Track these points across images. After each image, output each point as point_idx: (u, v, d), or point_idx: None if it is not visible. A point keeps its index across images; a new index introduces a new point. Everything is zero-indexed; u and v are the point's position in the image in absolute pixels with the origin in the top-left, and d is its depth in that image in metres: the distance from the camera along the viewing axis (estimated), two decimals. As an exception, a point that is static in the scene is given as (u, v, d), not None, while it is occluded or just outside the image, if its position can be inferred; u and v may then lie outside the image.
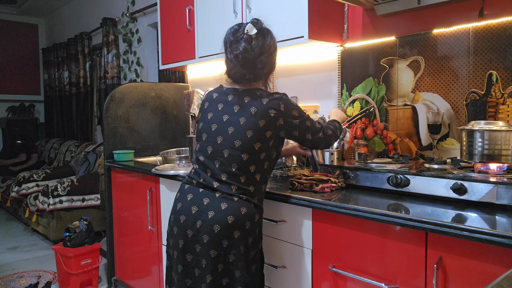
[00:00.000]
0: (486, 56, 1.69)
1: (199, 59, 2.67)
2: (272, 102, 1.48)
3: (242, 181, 1.47)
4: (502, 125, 1.45)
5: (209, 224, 1.44)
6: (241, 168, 1.46)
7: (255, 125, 1.45)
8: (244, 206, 1.46)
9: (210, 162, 1.49)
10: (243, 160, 1.46)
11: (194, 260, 1.48)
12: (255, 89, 1.53)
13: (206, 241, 1.44)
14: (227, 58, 1.55)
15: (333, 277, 1.49)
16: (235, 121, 1.47)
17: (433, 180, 1.42)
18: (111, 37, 4.48)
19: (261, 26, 1.51)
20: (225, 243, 1.44)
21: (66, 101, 5.77)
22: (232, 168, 1.46)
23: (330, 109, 2.30)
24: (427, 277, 1.23)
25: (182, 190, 1.57)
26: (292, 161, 2.07)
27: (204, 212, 1.45)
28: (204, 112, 1.58)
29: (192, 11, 2.69)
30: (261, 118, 1.45)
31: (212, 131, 1.51)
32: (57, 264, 2.96)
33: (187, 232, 1.48)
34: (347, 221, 1.43)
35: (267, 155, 1.50)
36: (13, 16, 6.45)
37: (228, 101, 1.54)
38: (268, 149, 1.49)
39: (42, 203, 3.94)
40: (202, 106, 1.62)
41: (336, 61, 2.27)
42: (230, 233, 1.44)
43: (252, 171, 1.48)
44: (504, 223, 1.15)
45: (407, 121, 1.96)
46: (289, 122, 1.50)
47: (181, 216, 1.50)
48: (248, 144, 1.45)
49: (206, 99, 1.64)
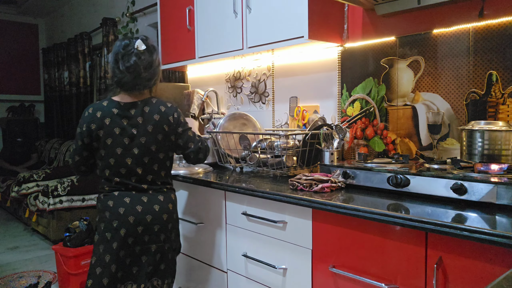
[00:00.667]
0: (486, 56, 1.69)
1: (199, 59, 2.67)
2: (170, 109, 1.79)
3: (163, 175, 1.80)
4: (502, 125, 1.45)
5: (159, 215, 1.75)
6: (160, 166, 1.78)
7: (162, 129, 1.75)
8: (172, 193, 1.85)
9: (133, 170, 1.73)
10: (161, 159, 1.78)
11: (143, 249, 1.75)
12: (150, 97, 1.79)
13: (157, 229, 1.75)
14: (118, 68, 1.72)
15: (333, 277, 1.49)
16: (144, 129, 1.72)
17: (433, 180, 1.42)
18: (111, 37, 4.48)
19: (148, 44, 1.75)
20: (170, 225, 1.80)
21: (66, 101, 5.77)
22: (154, 168, 1.77)
23: (330, 109, 2.31)
24: (427, 277, 1.23)
25: (114, 198, 1.74)
26: (292, 161, 2.07)
27: (150, 208, 1.74)
28: (109, 127, 1.72)
29: (192, 11, 2.69)
30: (164, 123, 1.76)
31: (127, 144, 1.72)
32: (57, 264, 2.96)
33: (138, 228, 1.72)
34: (347, 221, 1.43)
35: (171, 154, 1.84)
36: (13, 16, 6.45)
37: (132, 115, 1.73)
38: (172, 149, 1.83)
39: (42, 203, 3.94)
40: (101, 121, 1.72)
41: (336, 61, 2.27)
42: (172, 216, 1.81)
43: (168, 165, 1.83)
44: (504, 223, 1.15)
45: (407, 121, 1.96)
46: (181, 128, 1.81)
47: (130, 218, 1.72)
48: (162, 146, 1.76)
49: (105, 115, 1.73)
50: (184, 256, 2.26)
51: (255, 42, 2.24)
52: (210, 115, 3.04)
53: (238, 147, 2.28)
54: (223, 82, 3.06)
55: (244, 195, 1.83)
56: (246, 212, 1.83)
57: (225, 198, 1.96)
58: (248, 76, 2.85)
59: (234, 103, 2.99)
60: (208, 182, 1.98)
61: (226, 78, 3.04)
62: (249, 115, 2.60)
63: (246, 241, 1.85)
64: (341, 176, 1.70)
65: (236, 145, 2.29)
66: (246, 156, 2.21)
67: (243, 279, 1.88)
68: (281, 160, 2.02)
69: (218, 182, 1.93)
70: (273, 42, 2.15)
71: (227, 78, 3.02)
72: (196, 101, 3.08)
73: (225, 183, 1.90)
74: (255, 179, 1.98)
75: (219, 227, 2.00)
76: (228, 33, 2.41)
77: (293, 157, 2.07)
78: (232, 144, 2.32)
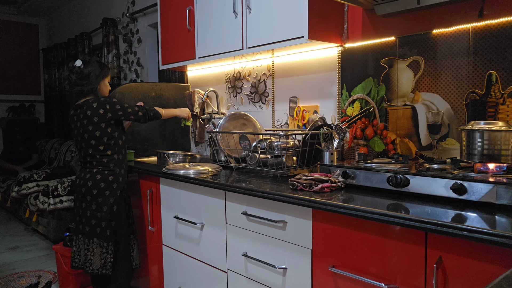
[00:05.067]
0: (485, 56, 1.69)
1: (199, 59, 2.67)
2: (100, 104, 2.32)
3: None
4: (501, 125, 1.45)
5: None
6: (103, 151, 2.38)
7: (94, 122, 2.31)
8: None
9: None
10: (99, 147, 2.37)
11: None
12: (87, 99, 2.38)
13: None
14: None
15: (333, 277, 1.49)
16: (86, 125, 2.33)
17: (433, 180, 1.42)
18: (111, 37, 4.48)
19: (85, 60, 2.40)
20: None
21: (66, 101, 5.77)
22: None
23: (330, 109, 2.31)
24: (427, 277, 1.23)
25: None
26: (292, 161, 2.07)
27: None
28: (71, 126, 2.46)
29: (192, 11, 2.69)
30: (95, 116, 2.30)
31: (79, 140, 2.40)
32: (57, 264, 2.96)
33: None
34: (347, 221, 1.43)
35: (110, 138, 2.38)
36: (13, 16, 6.45)
37: (77, 113, 2.37)
38: (109, 133, 2.37)
39: (43, 203, 3.94)
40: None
41: (336, 61, 2.27)
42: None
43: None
44: (503, 223, 1.15)
45: (407, 121, 1.96)
46: (114, 112, 2.35)
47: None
48: (100, 134, 2.33)
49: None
50: (184, 256, 2.27)
51: (255, 42, 2.24)
52: (210, 115, 3.04)
53: (238, 147, 2.28)
54: (223, 82, 3.07)
55: (244, 195, 1.83)
56: (246, 212, 1.83)
57: (225, 198, 1.96)
58: (248, 76, 2.85)
59: (234, 103, 2.99)
60: (208, 182, 1.98)
61: (226, 78, 3.04)
62: (249, 115, 2.60)
63: (246, 241, 1.85)
64: (341, 176, 1.70)
65: (236, 145, 2.29)
66: (246, 156, 2.21)
67: (243, 279, 1.89)
68: (281, 160, 2.02)
69: (218, 182, 1.93)
70: (273, 42, 2.15)
71: (227, 78, 3.03)
72: (197, 101, 3.08)
73: (225, 183, 1.90)
74: (255, 179, 1.98)
75: (219, 227, 2.00)
76: (228, 33, 2.41)
77: (293, 157, 2.07)
78: (232, 144, 2.32)
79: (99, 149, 2.34)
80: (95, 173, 2.34)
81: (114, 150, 2.39)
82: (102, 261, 2.32)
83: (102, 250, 2.32)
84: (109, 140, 2.36)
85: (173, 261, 2.37)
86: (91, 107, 2.31)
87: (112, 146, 2.37)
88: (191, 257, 2.22)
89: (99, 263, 2.32)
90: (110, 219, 2.33)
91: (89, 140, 2.33)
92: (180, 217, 2.25)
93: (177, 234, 2.31)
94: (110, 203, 2.34)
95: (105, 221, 2.32)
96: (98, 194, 2.33)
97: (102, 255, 2.32)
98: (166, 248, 2.42)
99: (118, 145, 2.41)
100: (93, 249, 2.33)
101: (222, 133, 2.36)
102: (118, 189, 2.38)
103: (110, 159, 2.37)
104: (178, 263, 2.32)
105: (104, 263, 2.32)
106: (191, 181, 2.10)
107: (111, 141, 2.36)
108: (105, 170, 2.35)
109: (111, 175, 2.35)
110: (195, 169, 2.22)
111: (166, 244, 2.43)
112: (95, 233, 2.32)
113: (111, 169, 2.36)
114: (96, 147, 2.34)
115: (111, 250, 2.33)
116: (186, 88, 3.32)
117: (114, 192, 2.36)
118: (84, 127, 2.32)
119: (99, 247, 2.32)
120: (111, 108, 2.33)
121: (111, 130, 2.36)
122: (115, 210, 2.35)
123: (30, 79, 6.65)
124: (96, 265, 2.33)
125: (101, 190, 2.33)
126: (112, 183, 2.35)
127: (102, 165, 2.35)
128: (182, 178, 2.16)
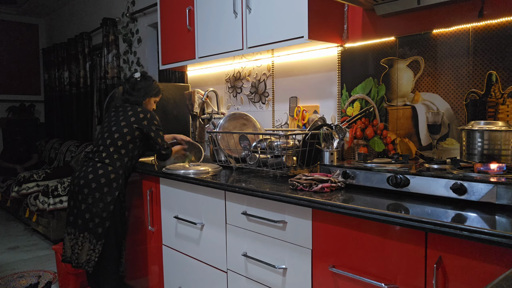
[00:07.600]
0: (486, 56, 1.69)
1: (199, 59, 2.67)
2: (143, 111, 2.47)
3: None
4: (501, 125, 1.45)
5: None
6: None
7: (129, 121, 2.43)
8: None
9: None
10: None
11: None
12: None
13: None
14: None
15: (333, 277, 1.49)
16: (120, 120, 2.49)
17: (433, 180, 1.42)
18: (111, 37, 4.48)
19: (144, 74, 2.61)
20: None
21: (66, 101, 5.77)
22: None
23: (330, 109, 2.31)
24: (427, 277, 1.23)
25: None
26: (292, 161, 2.07)
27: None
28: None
29: (192, 11, 2.69)
30: (133, 116, 2.44)
31: (104, 129, 2.50)
32: (57, 264, 2.96)
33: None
34: (347, 221, 1.43)
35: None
36: (13, 16, 6.45)
37: (117, 106, 2.57)
38: (134, 138, 2.46)
39: (42, 203, 3.94)
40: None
41: (336, 61, 2.27)
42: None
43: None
44: (504, 223, 1.15)
45: (407, 121, 1.96)
46: (149, 125, 2.45)
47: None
48: (126, 132, 2.41)
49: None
50: (184, 256, 2.27)
51: (255, 42, 2.24)
52: (210, 115, 3.04)
53: (238, 147, 2.28)
54: (223, 82, 3.07)
55: (244, 195, 1.83)
56: (246, 212, 1.83)
57: (225, 198, 1.96)
58: (248, 76, 2.85)
59: (234, 103, 2.99)
60: (208, 182, 1.98)
61: (226, 78, 3.04)
62: (249, 115, 2.60)
63: (246, 241, 1.85)
64: (340, 176, 1.70)
65: (236, 145, 2.29)
66: (246, 156, 2.21)
67: (243, 279, 1.89)
68: (281, 160, 2.02)
69: (218, 182, 1.93)
70: (273, 42, 2.15)
71: (227, 78, 3.03)
72: (197, 101, 3.08)
73: (225, 183, 1.90)
74: (255, 179, 1.98)
75: (219, 227, 2.00)
76: (228, 33, 2.41)
77: (293, 157, 2.07)
78: (232, 144, 2.32)
79: (117, 143, 2.37)
80: (98, 167, 2.33)
81: (128, 154, 2.40)
82: (88, 257, 2.31)
83: (90, 246, 2.30)
84: (130, 142, 2.40)
85: (173, 261, 2.37)
86: (134, 109, 2.44)
87: (129, 149, 2.40)
88: (191, 257, 2.22)
89: (85, 258, 2.32)
90: (105, 218, 2.30)
91: (114, 133, 2.38)
92: (180, 217, 2.25)
93: (177, 234, 2.31)
94: (107, 201, 2.31)
95: (98, 217, 2.29)
96: (96, 188, 2.30)
97: (88, 251, 2.31)
98: (166, 248, 2.42)
99: (133, 152, 2.43)
100: (82, 243, 2.32)
101: (222, 133, 2.36)
102: (117, 190, 2.35)
103: (120, 157, 2.38)
104: (178, 263, 2.32)
105: (89, 259, 2.31)
106: (191, 181, 2.10)
107: (130, 144, 2.40)
108: (109, 166, 2.34)
109: (113, 173, 2.34)
110: (195, 169, 2.22)
111: (166, 244, 2.42)
112: (87, 227, 2.30)
113: (115, 168, 2.36)
114: (115, 140, 2.37)
115: (98, 250, 2.30)
116: (186, 88, 3.32)
117: (112, 191, 2.33)
118: (117, 119, 2.41)
119: (88, 243, 2.31)
120: (150, 121, 2.42)
121: (137, 136, 2.41)
122: (111, 209, 2.32)
123: (30, 79, 6.65)
124: (81, 259, 2.32)
125: (100, 185, 2.31)
126: (112, 182, 2.33)
127: (109, 159, 2.35)
128: (182, 178, 2.16)
